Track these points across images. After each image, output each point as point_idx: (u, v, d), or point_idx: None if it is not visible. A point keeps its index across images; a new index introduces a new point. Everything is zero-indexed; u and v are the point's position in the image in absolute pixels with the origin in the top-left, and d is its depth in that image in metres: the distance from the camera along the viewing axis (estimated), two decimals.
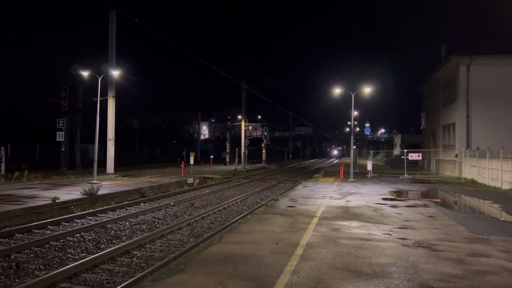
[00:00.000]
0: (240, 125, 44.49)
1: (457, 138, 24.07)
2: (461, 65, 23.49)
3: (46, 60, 33.10)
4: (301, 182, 22.07)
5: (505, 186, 17.31)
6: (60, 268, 6.63)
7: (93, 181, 17.76)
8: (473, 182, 20.83)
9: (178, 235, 9.53)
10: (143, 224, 10.81)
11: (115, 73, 21.88)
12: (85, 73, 20.05)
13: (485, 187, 18.58)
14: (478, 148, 21.65)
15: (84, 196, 13.20)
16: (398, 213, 10.79)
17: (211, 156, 33.47)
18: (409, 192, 16.95)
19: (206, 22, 73.13)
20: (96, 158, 19.08)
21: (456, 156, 23.89)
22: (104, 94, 22.16)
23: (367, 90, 23.62)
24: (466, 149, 23.08)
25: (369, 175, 24.90)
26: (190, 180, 21.62)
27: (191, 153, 28.12)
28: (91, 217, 11.47)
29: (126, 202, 14.05)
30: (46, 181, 18.74)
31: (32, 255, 7.53)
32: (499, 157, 17.96)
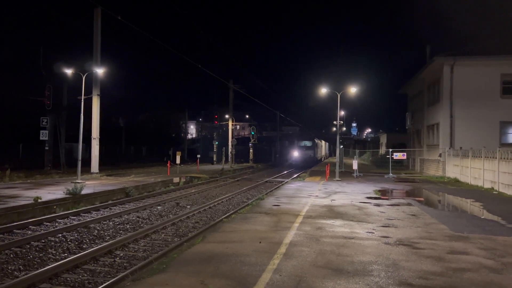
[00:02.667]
0: (228, 125, 44.44)
1: (441, 138, 24.42)
2: (445, 66, 23.83)
3: (29, 57, 32.58)
4: (287, 181, 22.16)
5: (487, 185, 17.63)
6: (41, 268, 6.54)
7: (77, 181, 17.53)
8: (456, 181, 21.17)
9: (162, 235, 9.48)
10: (127, 223, 10.72)
11: (100, 71, 21.63)
12: (69, 71, 19.81)
13: (467, 186, 18.90)
14: (461, 148, 22.01)
15: (67, 196, 13.04)
16: (382, 212, 10.91)
17: (198, 156, 33.29)
18: (393, 191, 17.14)
19: (192, 21, 72.91)
20: (80, 157, 18.84)
21: (440, 155, 24.25)
22: (89, 92, 21.92)
23: (352, 90, 23.83)
24: (449, 148, 23.45)
25: (355, 174, 25.11)
26: (176, 180, 21.51)
27: (177, 152, 27.96)
28: (74, 217, 11.33)
29: (110, 202, 13.93)
30: (28, 181, 18.45)
31: (12, 256, 7.41)
32: (481, 157, 18.28)
